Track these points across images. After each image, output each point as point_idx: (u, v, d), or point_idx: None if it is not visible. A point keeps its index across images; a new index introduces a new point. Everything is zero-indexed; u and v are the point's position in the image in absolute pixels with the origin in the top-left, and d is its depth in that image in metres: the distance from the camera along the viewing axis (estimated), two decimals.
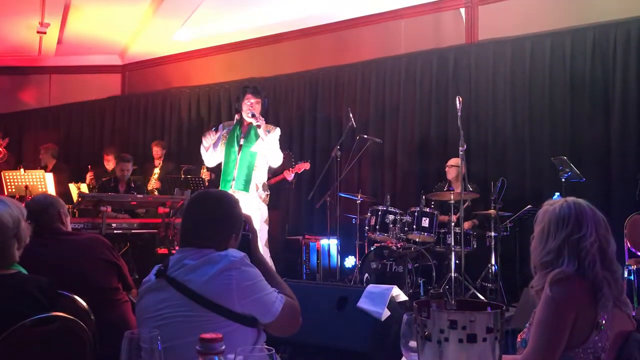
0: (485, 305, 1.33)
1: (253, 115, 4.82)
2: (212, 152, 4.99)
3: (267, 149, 4.88)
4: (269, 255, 4.85)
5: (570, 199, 2.01)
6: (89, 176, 7.72)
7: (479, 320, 1.19)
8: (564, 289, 1.86)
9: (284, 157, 5.11)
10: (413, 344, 1.46)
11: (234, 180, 4.83)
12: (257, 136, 4.85)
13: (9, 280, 2.04)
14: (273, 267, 2.37)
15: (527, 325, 2.01)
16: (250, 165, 4.86)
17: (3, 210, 2.06)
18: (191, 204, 2.10)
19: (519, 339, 2.02)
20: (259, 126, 4.79)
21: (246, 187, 4.83)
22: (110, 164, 7.79)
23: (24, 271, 2.17)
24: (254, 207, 4.72)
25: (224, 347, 1.16)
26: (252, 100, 4.90)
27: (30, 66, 9.74)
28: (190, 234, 2.02)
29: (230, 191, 4.54)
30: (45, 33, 7.84)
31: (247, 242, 2.13)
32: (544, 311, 1.87)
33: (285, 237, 7.10)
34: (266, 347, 1.22)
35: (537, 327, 1.87)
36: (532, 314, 1.97)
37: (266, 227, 5.00)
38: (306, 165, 6.36)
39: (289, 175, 6.35)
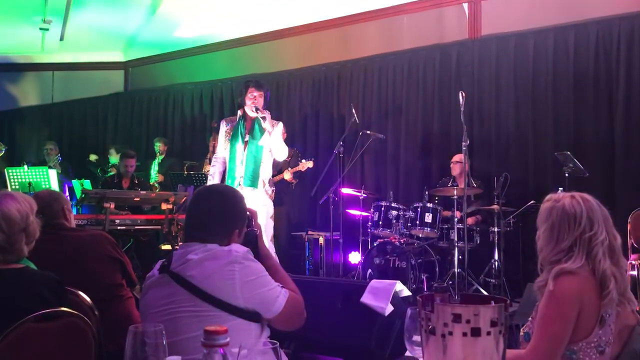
0: (489, 299, 1.32)
1: (257, 109, 4.78)
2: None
3: (272, 143, 4.87)
4: (274, 250, 4.84)
5: (576, 194, 1.98)
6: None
7: (483, 313, 1.18)
8: (567, 284, 1.85)
9: (290, 155, 5.09)
10: (417, 338, 1.46)
11: (241, 177, 4.81)
12: (261, 131, 4.82)
13: (16, 275, 2.04)
14: (278, 262, 2.37)
15: (529, 318, 2.01)
16: (257, 161, 4.83)
17: (11, 205, 2.06)
18: (195, 199, 2.10)
19: (521, 333, 2.02)
20: (264, 118, 4.75)
21: (254, 183, 4.81)
22: None
23: (33, 266, 2.17)
24: (260, 203, 4.70)
25: (228, 339, 1.15)
26: (255, 94, 4.84)
27: (33, 63, 9.74)
28: (193, 229, 2.01)
29: (237, 188, 4.52)
30: (47, 29, 7.85)
31: (254, 238, 2.12)
32: (547, 306, 1.87)
33: (289, 233, 7.10)
34: (270, 341, 1.21)
35: (541, 322, 1.87)
36: (535, 308, 1.96)
37: (272, 223, 4.99)
38: (309, 164, 6.34)
39: (288, 175, 6.32)
